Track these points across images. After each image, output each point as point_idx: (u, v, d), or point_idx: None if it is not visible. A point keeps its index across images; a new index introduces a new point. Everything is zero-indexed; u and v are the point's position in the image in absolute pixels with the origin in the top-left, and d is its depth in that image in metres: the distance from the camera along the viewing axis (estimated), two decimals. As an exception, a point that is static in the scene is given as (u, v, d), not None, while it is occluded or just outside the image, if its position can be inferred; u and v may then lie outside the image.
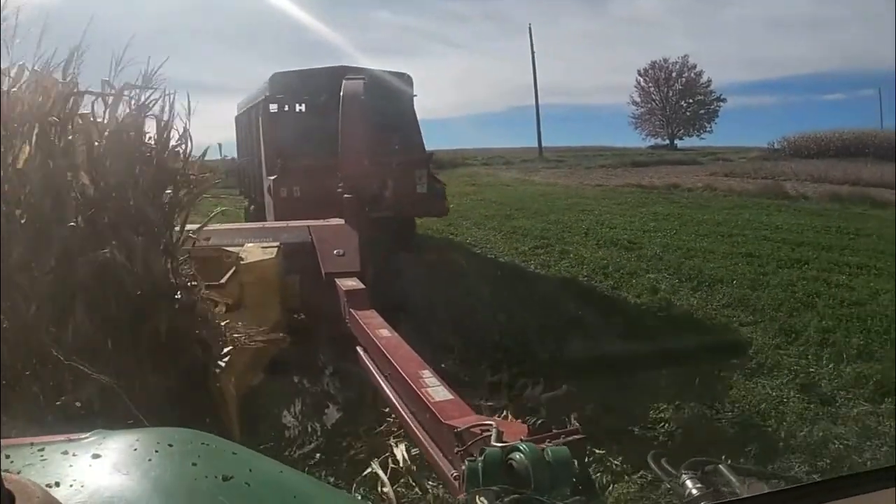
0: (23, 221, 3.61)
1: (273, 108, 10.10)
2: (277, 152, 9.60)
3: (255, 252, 5.43)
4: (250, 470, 0.98)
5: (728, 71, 76.63)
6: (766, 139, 40.06)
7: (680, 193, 17.79)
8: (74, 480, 0.87)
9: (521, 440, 2.06)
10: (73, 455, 0.95)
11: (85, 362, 3.36)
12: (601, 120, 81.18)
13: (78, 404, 3.37)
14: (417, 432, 3.03)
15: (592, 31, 71.53)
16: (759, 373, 5.44)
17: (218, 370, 4.06)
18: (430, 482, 3.68)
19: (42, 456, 0.95)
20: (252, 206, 12.01)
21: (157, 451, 0.97)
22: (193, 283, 4.43)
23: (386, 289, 5.80)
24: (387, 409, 4.01)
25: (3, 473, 0.56)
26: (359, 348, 4.29)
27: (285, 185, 9.13)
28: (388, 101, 8.75)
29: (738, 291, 7.42)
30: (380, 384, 3.75)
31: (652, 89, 53.16)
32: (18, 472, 0.81)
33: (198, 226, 4.91)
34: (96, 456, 0.94)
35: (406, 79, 10.23)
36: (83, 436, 1.03)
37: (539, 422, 2.23)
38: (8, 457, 0.93)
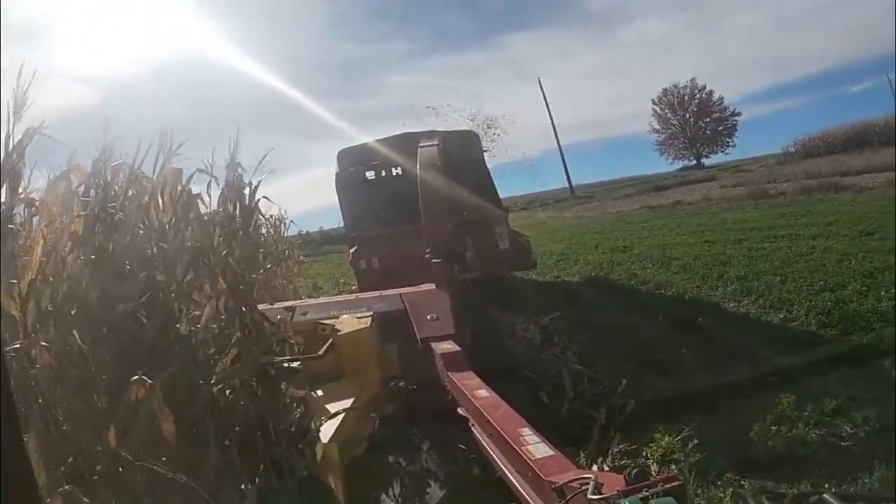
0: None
1: (342, 182, 9.92)
2: (353, 225, 9.94)
3: (350, 323, 5.58)
4: None
5: (750, 80, 78.90)
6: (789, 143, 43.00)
7: (681, 208, 21.63)
8: None
9: (619, 492, 2.14)
10: None
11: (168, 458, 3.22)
12: (631, 149, 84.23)
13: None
14: (522, 491, 3.05)
15: (606, 61, 74.09)
16: (679, 300, 9.34)
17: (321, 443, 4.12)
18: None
19: None
20: None
21: None
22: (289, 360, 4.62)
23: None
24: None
25: None
26: (460, 409, 4.34)
27: (364, 257, 9.40)
28: (461, 161, 8.66)
29: (688, 263, 11.27)
30: (482, 444, 3.79)
31: (669, 115, 56.37)
32: None
33: (293, 302, 5.54)
34: None
35: (473, 136, 10.49)
36: None
37: (636, 471, 2.25)
38: None
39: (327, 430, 4.23)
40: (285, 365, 4.55)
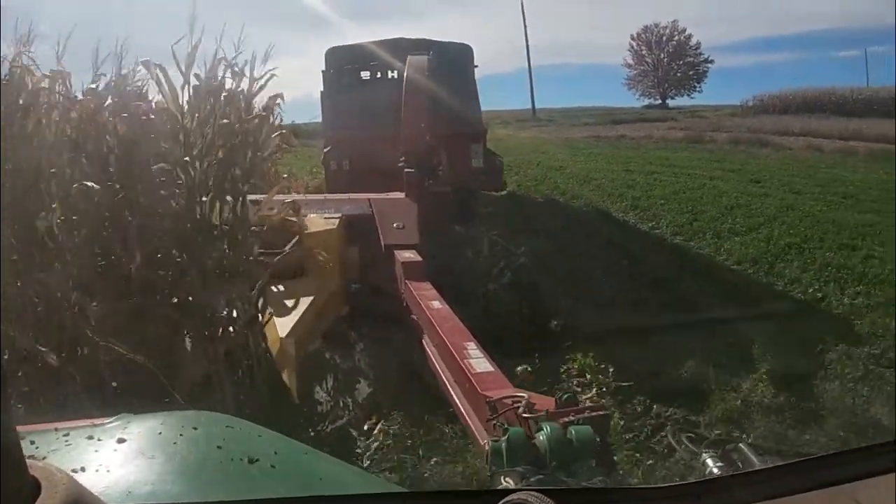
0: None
1: (327, 81, 10.11)
2: (330, 125, 10.06)
3: (317, 222, 5.75)
4: (275, 452, 1.05)
5: (743, 27, 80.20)
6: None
7: (624, 141, 24.50)
8: (100, 465, 0.93)
9: (547, 412, 2.27)
10: (98, 440, 1.01)
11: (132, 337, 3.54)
12: (602, 80, 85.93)
13: (113, 384, 3.56)
14: (457, 401, 3.26)
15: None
16: (584, 207, 12.13)
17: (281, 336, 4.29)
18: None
19: (67, 441, 1.01)
20: None
21: (181, 435, 1.04)
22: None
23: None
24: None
25: (28, 460, 0.57)
26: (413, 317, 4.59)
27: (335, 158, 9.54)
28: (451, 74, 8.75)
29: (603, 183, 14.15)
30: (428, 353, 4.03)
31: (644, 52, 58.21)
32: (44, 458, 0.84)
33: (258, 196, 5.45)
34: (121, 440, 1.00)
35: (467, 50, 10.41)
36: (108, 420, 1.10)
37: (566, 396, 2.41)
38: (33, 443, 0.98)
39: (285, 325, 4.43)
40: (250, 258, 4.86)
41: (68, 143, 4.16)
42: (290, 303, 4.72)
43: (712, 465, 1.64)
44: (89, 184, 3.97)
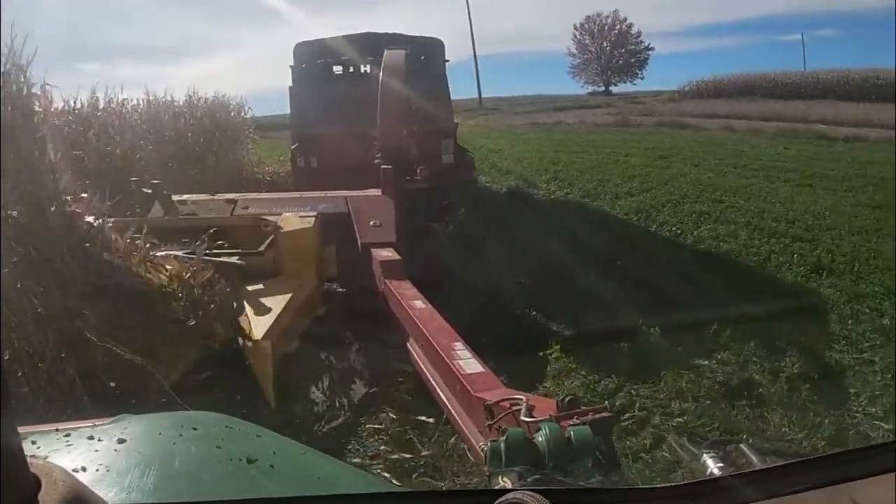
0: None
1: (295, 76, 10.15)
2: (297, 122, 10.08)
3: (292, 221, 5.73)
4: (274, 452, 1.07)
5: (692, 13, 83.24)
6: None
7: (559, 126, 27.50)
8: (100, 465, 0.95)
9: (551, 416, 2.20)
10: (99, 440, 1.03)
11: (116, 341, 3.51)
12: (548, 67, 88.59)
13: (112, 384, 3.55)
14: (448, 403, 3.21)
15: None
16: (515, 181, 14.73)
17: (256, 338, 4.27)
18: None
19: (68, 441, 1.04)
20: None
21: (181, 435, 1.06)
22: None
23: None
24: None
25: (29, 459, 0.58)
26: (393, 318, 4.56)
27: (302, 155, 9.55)
28: (423, 69, 8.89)
29: (532, 162, 16.80)
30: (412, 353, 3.98)
31: (587, 41, 61.11)
32: (45, 458, 0.84)
33: (235, 195, 5.61)
34: (121, 441, 1.03)
35: (439, 44, 10.41)
36: (108, 421, 1.13)
37: (568, 398, 2.32)
38: (34, 443, 1.01)
39: (262, 326, 4.40)
40: (223, 259, 4.88)
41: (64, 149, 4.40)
42: (266, 303, 4.75)
43: (712, 466, 1.62)
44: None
